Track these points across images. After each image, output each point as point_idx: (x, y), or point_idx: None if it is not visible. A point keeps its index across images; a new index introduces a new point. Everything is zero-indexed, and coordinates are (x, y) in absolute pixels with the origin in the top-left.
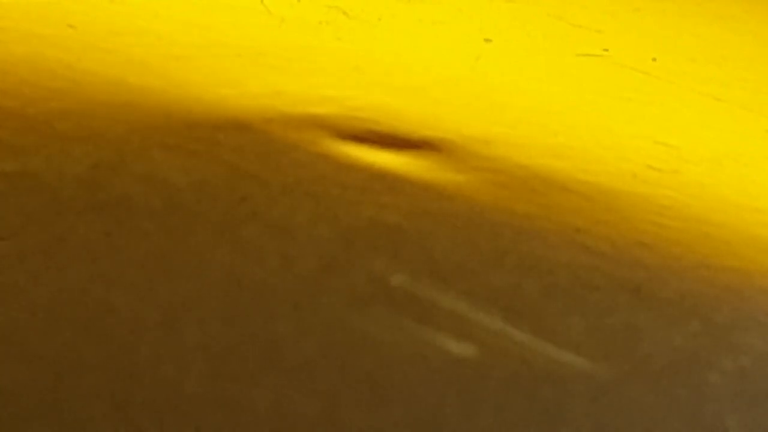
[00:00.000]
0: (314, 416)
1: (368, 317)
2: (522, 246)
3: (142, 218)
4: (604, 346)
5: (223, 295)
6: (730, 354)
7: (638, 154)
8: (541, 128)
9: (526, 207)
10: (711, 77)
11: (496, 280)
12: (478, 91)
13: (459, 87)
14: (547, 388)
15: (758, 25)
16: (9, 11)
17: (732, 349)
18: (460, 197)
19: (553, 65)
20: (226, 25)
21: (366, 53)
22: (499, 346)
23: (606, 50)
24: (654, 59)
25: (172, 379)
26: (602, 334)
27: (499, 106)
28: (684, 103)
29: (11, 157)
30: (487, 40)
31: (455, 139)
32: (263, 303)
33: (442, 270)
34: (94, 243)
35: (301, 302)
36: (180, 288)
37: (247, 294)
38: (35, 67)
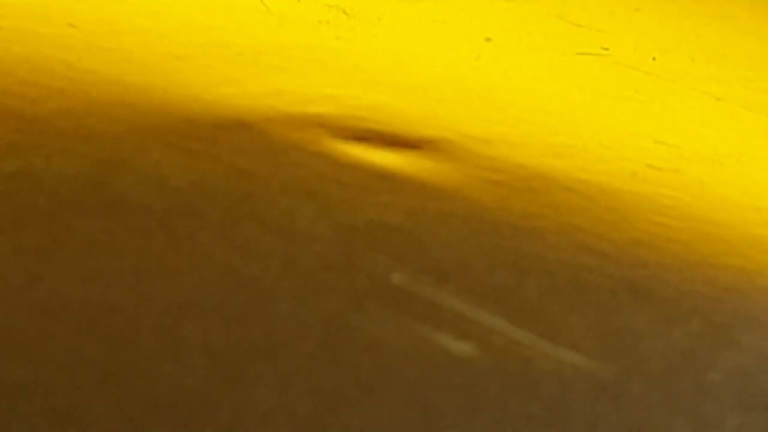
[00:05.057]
0: (314, 415)
1: (368, 316)
2: (522, 245)
3: (142, 217)
4: (605, 344)
5: (223, 293)
6: (730, 353)
7: (638, 153)
8: (542, 127)
9: (526, 206)
10: (711, 76)
11: (496, 279)
12: (479, 90)
13: (459, 86)
14: (547, 386)
15: (758, 24)
16: (9, 10)
17: (732, 348)
18: (460, 196)
19: (554, 64)
20: (226, 24)
21: (366, 52)
22: (499, 345)
23: (606, 49)
24: (654, 58)
25: (171, 377)
26: (602, 333)
27: (499, 105)
28: (684, 102)
29: (12, 156)
30: (488, 39)
31: (455, 139)
32: (263, 302)
33: (442, 269)
34: (94, 242)
35: (301, 301)
36: (180, 287)
37: (247, 293)
38: (36, 66)
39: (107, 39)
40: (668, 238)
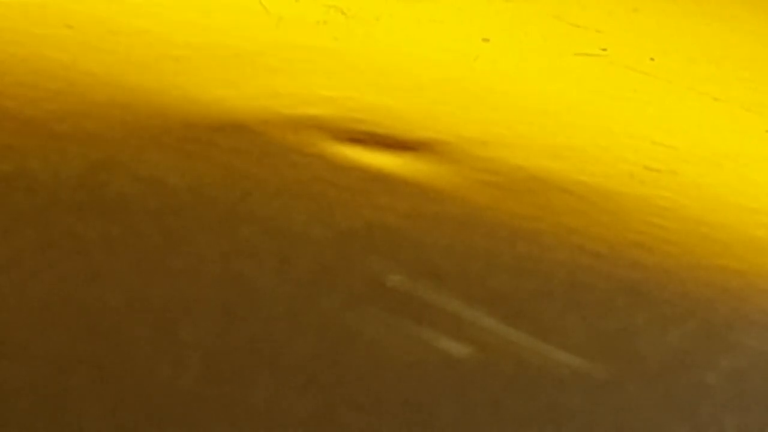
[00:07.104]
0: (310, 416)
1: (365, 318)
2: (519, 247)
3: (138, 219)
4: (601, 346)
5: (220, 295)
6: (726, 354)
7: (636, 155)
8: (539, 129)
9: (522, 208)
10: (709, 77)
11: (493, 281)
12: (476, 91)
13: (457, 87)
14: (544, 388)
15: (757, 24)
16: (6, 11)
17: (728, 349)
18: (457, 198)
19: (552, 65)
20: (223, 25)
21: (364, 53)
22: (495, 347)
23: (604, 50)
24: (652, 59)
25: (168, 378)
26: (599, 335)
27: (496, 106)
28: (682, 103)
29: (8, 157)
30: (486, 40)
31: (452, 141)
32: (260, 303)
33: (439, 271)
34: (91, 243)
35: (297, 303)
36: (176, 288)
37: (244, 294)
38: (32, 67)
39: (104, 40)
40: (665, 239)
